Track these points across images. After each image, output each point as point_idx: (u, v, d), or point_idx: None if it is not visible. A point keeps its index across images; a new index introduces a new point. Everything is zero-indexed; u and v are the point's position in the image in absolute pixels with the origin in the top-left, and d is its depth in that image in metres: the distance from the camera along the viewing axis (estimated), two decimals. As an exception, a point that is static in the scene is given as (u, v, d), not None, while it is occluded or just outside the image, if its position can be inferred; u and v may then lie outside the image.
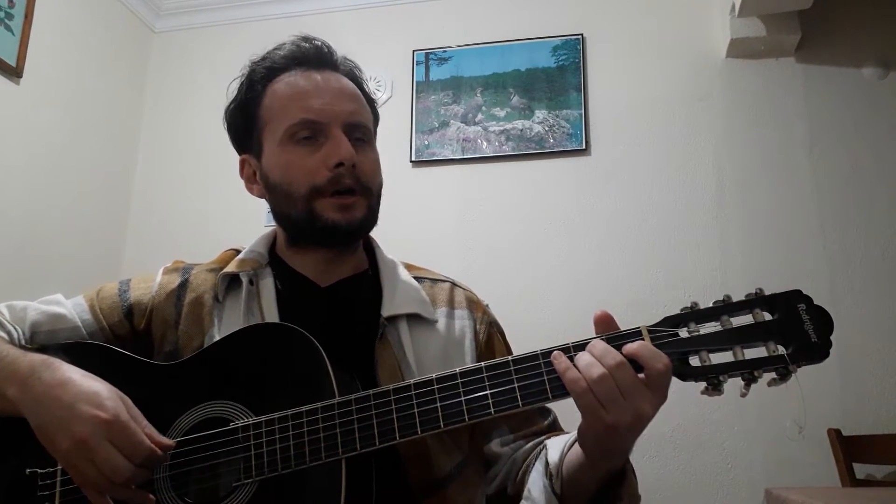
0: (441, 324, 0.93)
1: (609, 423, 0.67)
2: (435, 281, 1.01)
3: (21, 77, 2.37)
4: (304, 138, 0.89)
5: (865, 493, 1.81)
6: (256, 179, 0.96)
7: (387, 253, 1.02)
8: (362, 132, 0.93)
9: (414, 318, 0.91)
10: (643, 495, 0.80)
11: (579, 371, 0.68)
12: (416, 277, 0.99)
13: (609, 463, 0.74)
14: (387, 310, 0.90)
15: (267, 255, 0.98)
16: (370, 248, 1.02)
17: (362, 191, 0.90)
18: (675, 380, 0.71)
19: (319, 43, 0.96)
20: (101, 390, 0.74)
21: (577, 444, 0.76)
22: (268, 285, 0.92)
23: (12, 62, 2.32)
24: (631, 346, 0.69)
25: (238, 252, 1.00)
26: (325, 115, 0.89)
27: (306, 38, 0.96)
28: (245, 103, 0.95)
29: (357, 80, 0.98)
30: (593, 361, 0.68)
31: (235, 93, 0.97)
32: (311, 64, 0.94)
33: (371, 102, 0.99)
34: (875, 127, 2.40)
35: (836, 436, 2.05)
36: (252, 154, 0.96)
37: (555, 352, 0.72)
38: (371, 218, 0.93)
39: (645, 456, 2.23)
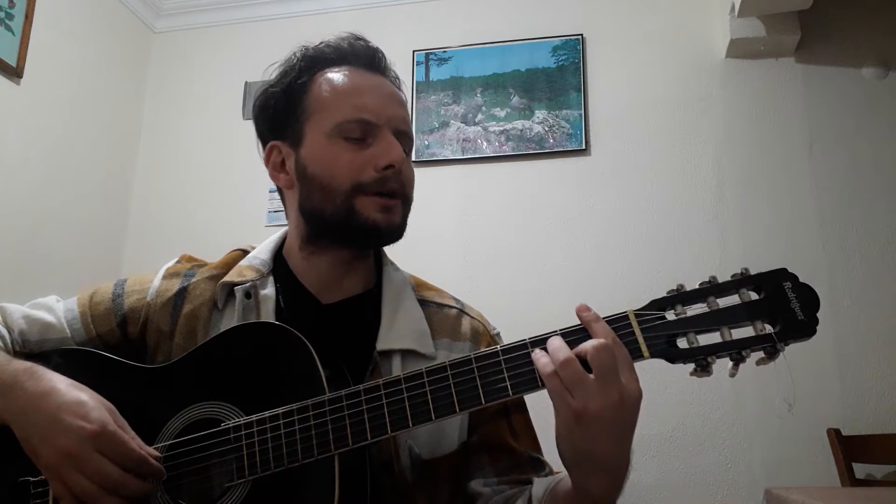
0: (439, 358, 0.88)
1: (576, 410, 0.65)
2: (441, 306, 0.95)
3: (21, 77, 2.37)
4: (354, 137, 0.86)
5: (865, 493, 1.82)
6: (285, 169, 0.92)
7: (397, 269, 0.98)
8: (407, 143, 0.90)
9: (409, 353, 0.87)
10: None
11: (549, 356, 0.69)
12: (422, 300, 0.95)
13: (593, 483, 0.69)
14: (382, 342, 0.87)
15: (271, 261, 0.94)
16: (379, 263, 0.97)
17: (403, 198, 0.89)
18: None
19: (374, 45, 0.94)
20: (87, 400, 0.72)
21: (564, 480, 0.73)
22: (268, 298, 0.89)
23: (12, 62, 2.33)
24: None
25: (245, 253, 0.97)
26: (379, 116, 0.87)
27: (359, 37, 0.94)
28: (292, 88, 0.91)
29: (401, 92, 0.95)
30: (562, 346, 0.69)
31: (278, 75, 0.93)
32: (363, 64, 0.92)
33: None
34: (875, 127, 2.41)
35: (835, 435, 2.05)
36: (286, 142, 0.92)
37: (537, 348, 0.71)
38: (404, 226, 0.90)
39: (645, 455, 2.23)
